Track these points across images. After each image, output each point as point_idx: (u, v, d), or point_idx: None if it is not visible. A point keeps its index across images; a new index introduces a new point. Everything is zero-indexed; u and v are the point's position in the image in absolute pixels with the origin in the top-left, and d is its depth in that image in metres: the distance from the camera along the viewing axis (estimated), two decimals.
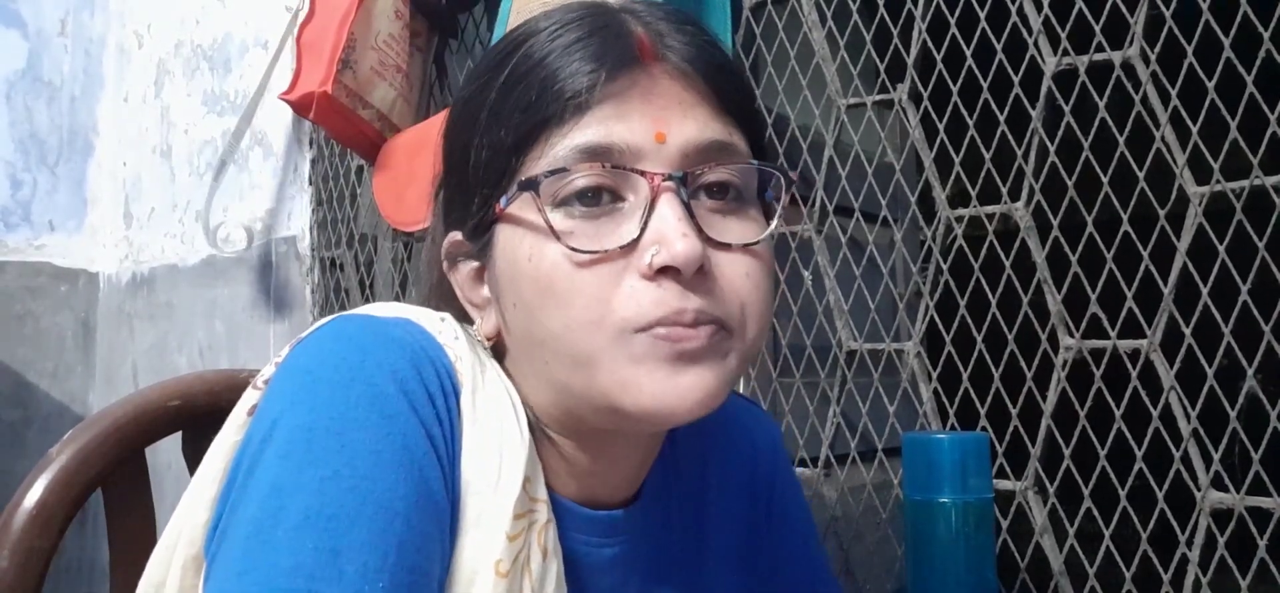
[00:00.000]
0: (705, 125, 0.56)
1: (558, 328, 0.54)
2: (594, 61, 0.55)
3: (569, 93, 0.54)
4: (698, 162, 0.55)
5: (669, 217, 0.53)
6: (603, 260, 0.53)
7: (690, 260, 0.52)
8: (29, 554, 0.66)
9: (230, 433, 0.57)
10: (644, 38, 0.56)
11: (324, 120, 1.54)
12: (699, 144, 0.55)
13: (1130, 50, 1.00)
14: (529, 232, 0.55)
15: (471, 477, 0.55)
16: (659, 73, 0.56)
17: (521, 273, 0.56)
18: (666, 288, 0.53)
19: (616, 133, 0.54)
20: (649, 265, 0.53)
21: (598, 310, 0.53)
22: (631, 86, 0.55)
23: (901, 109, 1.20)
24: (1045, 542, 1.06)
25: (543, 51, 0.56)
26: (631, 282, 0.53)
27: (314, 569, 0.47)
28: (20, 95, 2.42)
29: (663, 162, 0.54)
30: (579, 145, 0.54)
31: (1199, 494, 0.94)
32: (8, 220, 2.38)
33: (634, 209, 0.54)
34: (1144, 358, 0.98)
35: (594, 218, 0.54)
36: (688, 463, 0.70)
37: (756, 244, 0.57)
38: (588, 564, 0.62)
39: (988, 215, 1.11)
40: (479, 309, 0.61)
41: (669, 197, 0.54)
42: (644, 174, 0.54)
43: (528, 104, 0.55)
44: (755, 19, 1.33)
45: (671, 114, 0.55)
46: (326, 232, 1.92)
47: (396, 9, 1.57)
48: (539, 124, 0.55)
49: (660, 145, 0.54)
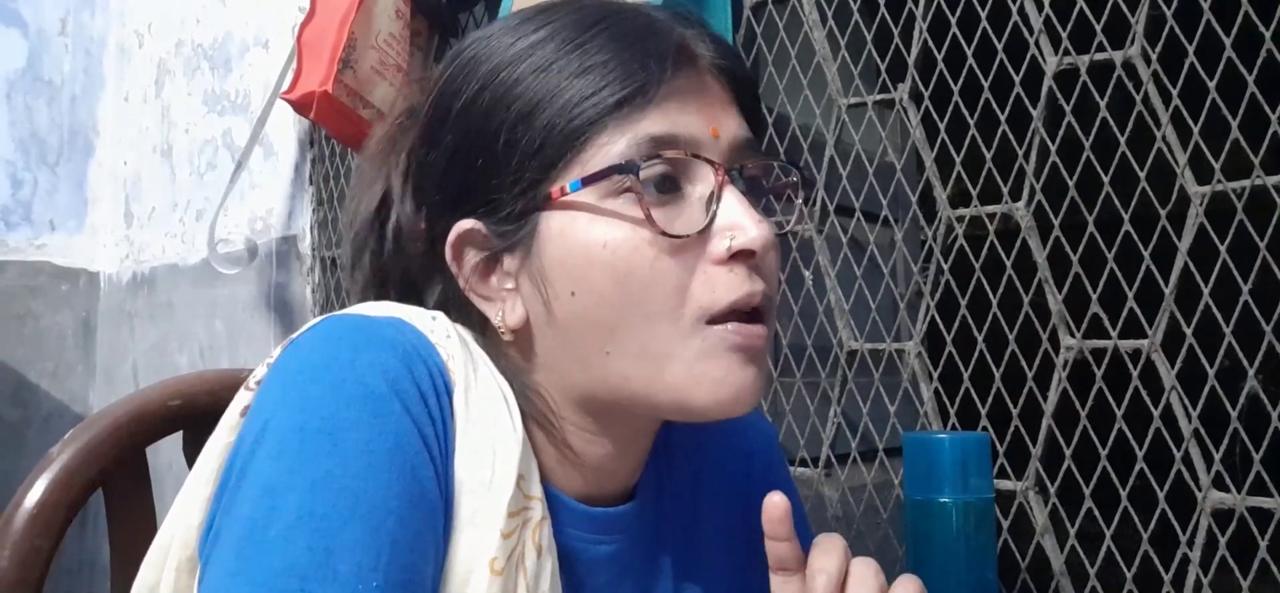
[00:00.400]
0: (741, 123, 0.60)
1: (635, 318, 0.56)
2: (655, 55, 0.57)
3: (638, 83, 0.56)
4: (741, 157, 0.59)
5: (737, 204, 0.56)
6: (682, 249, 0.56)
7: (767, 243, 0.56)
8: (29, 554, 0.66)
9: (223, 434, 0.57)
10: (683, 36, 0.59)
11: (325, 119, 1.54)
12: (742, 141, 0.59)
13: (1131, 50, 1.00)
14: (601, 217, 0.56)
15: (465, 475, 0.55)
16: (701, 72, 0.59)
17: (594, 260, 0.56)
18: (737, 272, 0.56)
19: (681, 125, 0.56)
20: (726, 251, 0.56)
21: (676, 299, 0.55)
22: (686, 84, 0.57)
23: (902, 109, 1.20)
24: (1046, 542, 1.05)
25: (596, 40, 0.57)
26: (706, 268, 0.56)
27: (307, 569, 0.47)
28: (20, 95, 2.42)
29: (718, 154, 0.57)
30: (651, 134, 0.56)
31: (1200, 494, 0.94)
32: (8, 220, 2.38)
33: (694, 198, 0.57)
34: (1145, 358, 0.98)
35: (664, 206, 0.56)
36: (683, 462, 0.71)
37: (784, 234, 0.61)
38: (583, 561, 0.62)
39: (989, 215, 1.11)
40: (491, 301, 0.60)
41: (731, 186, 0.57)
42: (712, 163, 0.56)
43: (592, 90, 0.56)
44: (755, 19, 1.33)
45: (718, 110, 0.58)
46: (327, 231, 1.92)
47: (397, 8, 1.57)
48: (608, 110, 0.56)
49: (715, 140, 0.57)
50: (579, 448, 0.61)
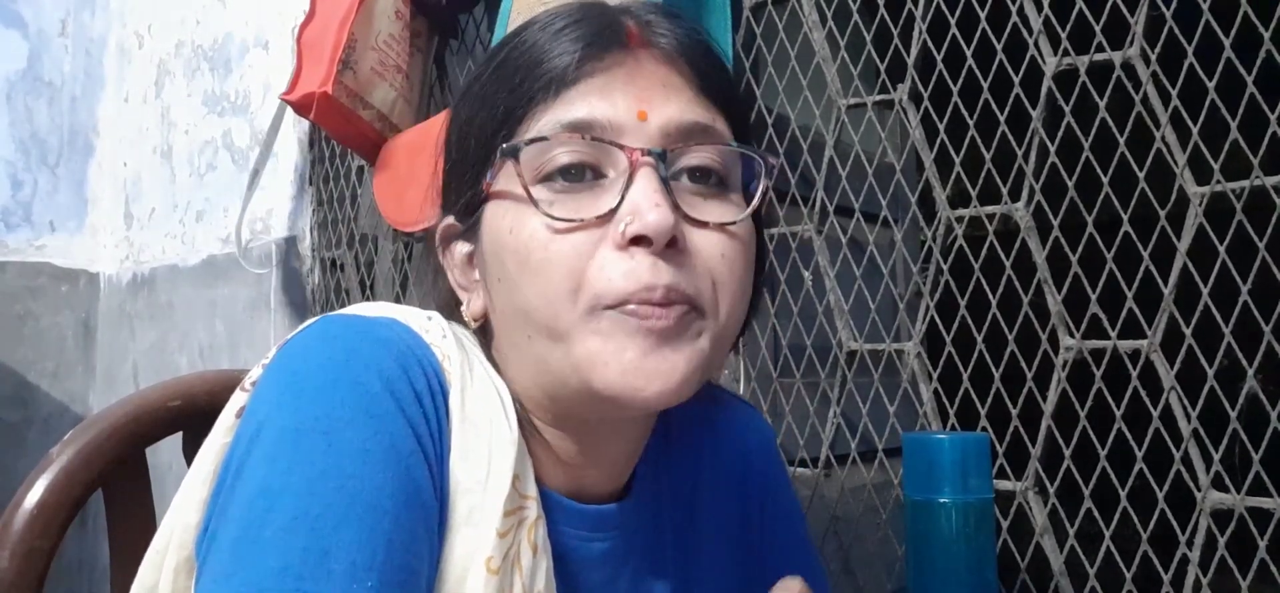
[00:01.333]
0: (686, 107, 0.57)
1: (536, 300, 0.55)
2: (580, 42, 0.57)
3: (554, 71, 0.56)
4: (678, 141, 0.56)
5: (645, 188, 0.54)
6: (578, 229, 0.54)
7: (661, 230, 0.53)
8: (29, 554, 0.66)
9: (219, 435, 0.57)
10: (632, 26, 0.58)
11: (324, 120, 1.54)
12: (681, 124, 0.56)
13: (1131, 50, 1.00)
14: (512, 204, 0.57)
15: (461, 475, 0.55)
16: (644, 56, 0.58)
17: (504, 245, 0.57)
18: (638, 259, 0.54)
19: (599, 109, 0.55)
20: (622, 234, 0.54)
21: (572, 282, 0.54)
22: (616, 67, 0.57)
23: (902, 109, 1.20)
24: (1045, 542, 1.06)
25: (533, 39, 0.58)
26: (605, 253, 0.54)
27: (303, 570, 0.47)
28: (21, 95, 2.42)
29: (643, 139, 0.56)
30: (562, 120, 0.55)
31: (1199, 495, 0.94)
32: (8, 221, 2.38)
33: (613, 183, 0.56)
34: (1144, 358, 0.98)
35: (575, 193, 0.55)
36: (680, 459, 0.71)
37: (733, 223, 0.57)
38: (578, 559, 0.62)
39: (988, 215, 1.11)
40: (468, 292, 0.62)
41: (647, 171, 0.55)
42: (623, 148, 0.55)
43: (514, 85, 0.57)
44: (755, 19, 1.33)
45: (654, 94, 0.57)
46: (327, 232, 1.92)
47: (397, 9, 1.57)
48: (524, 100, 0.57)
49: (642, 123, 0.56)
50: (555, 445, 0.61)
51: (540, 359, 0.57)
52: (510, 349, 0.60)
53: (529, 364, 0.59)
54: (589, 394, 0.55)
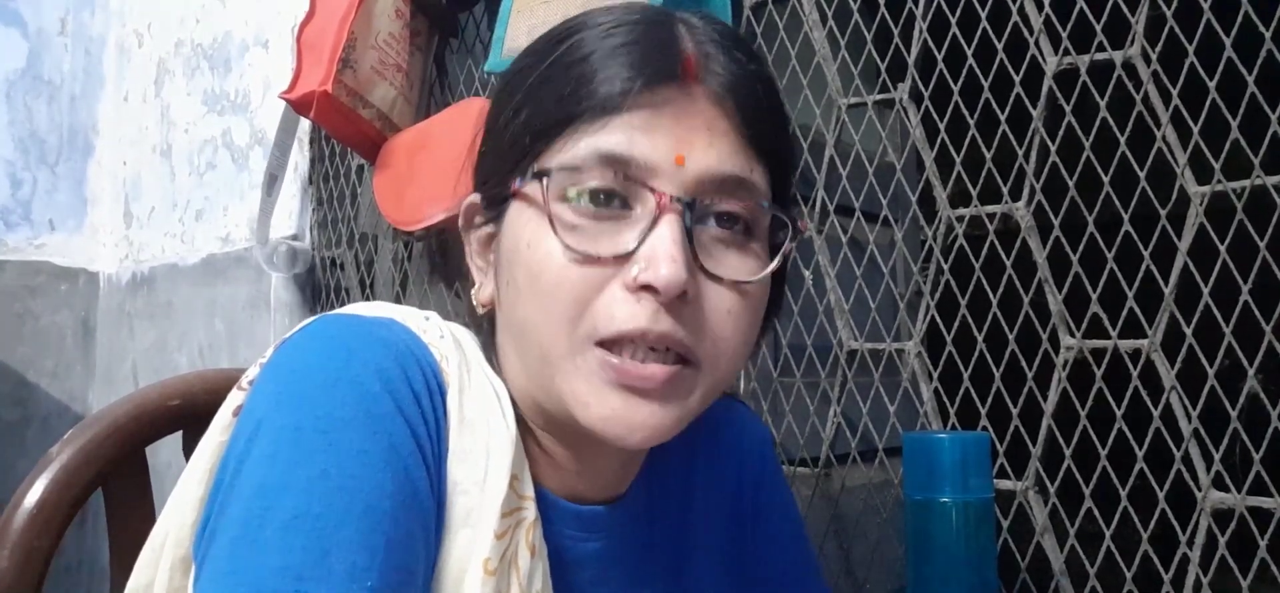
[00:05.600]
0: (726, 157, 0.56)
1: (537, 319, 0.55)
2: (634, 69, 0.55)
3: (602, 94, 0.55)
4: (711, 192, 0.55)
5: (665, 238, 0.53)
6: (594, 263, 0.54)
7: (670, 285, 0.53)
8: (29, 554, 0.66)
9: (216, 434, 0.57)
10: (691, 56, 0.56)
11: (324, 119, 1.54)
12: (716, 175, 0.55)
13: (1131, 50, 1.00)
14: (534, 218, 0.56)
15: (459, 476, 0.55)
16: (697, 92, 0.56)
17: (519, 256, 0.56)
18: (644, 304, 0.53)
19: (638, 146, 0.54)
20: (634, 279, 0.53)
21: (574, 311, 0.54)
22: (665, 104, 0.55)
23: (902, 108, 1.20)
24: (1046, 542, 1.05)
25: (590, 47, 0.56)
26: (614, 290, 0.54)
27: (301, 569, 0.47)
28: (20, 94, 2.41)
29: (676, 185, 0.54)
30: (600, 149, 0.54)
31: (1200, 494, 0.94)
32: (8, 219, 2.38)
33: (637, 221, 0.55)
34: (1145, 358, 0.98)
35: (598, 220, 0.55)
36: (675, 462, 0.71)
37: (748, 283, 0.57)
38: (571, 558, 0.62)
39: (988, 215, 1.11)
40: (482, 274, 0.63)
41: (672, 218, 0.54)
42: (654, 191, 0.54)
43: (562, 96, 0.56)
44: (755, 19, 1.33)
45: (697, 138, 0.55)
46: (326, 231, 1.92)
47: (397, 8, 1.57)
48: (567, 118, 0.55)
49: (678, 168, 0.54)
50: (550, 449, 0.61)
51: (533, 369, 0.58)
52: (509, 348, 0.60)
53: (525, 368, 0.59)
54: (571, 422, 0.56)
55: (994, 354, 1.09)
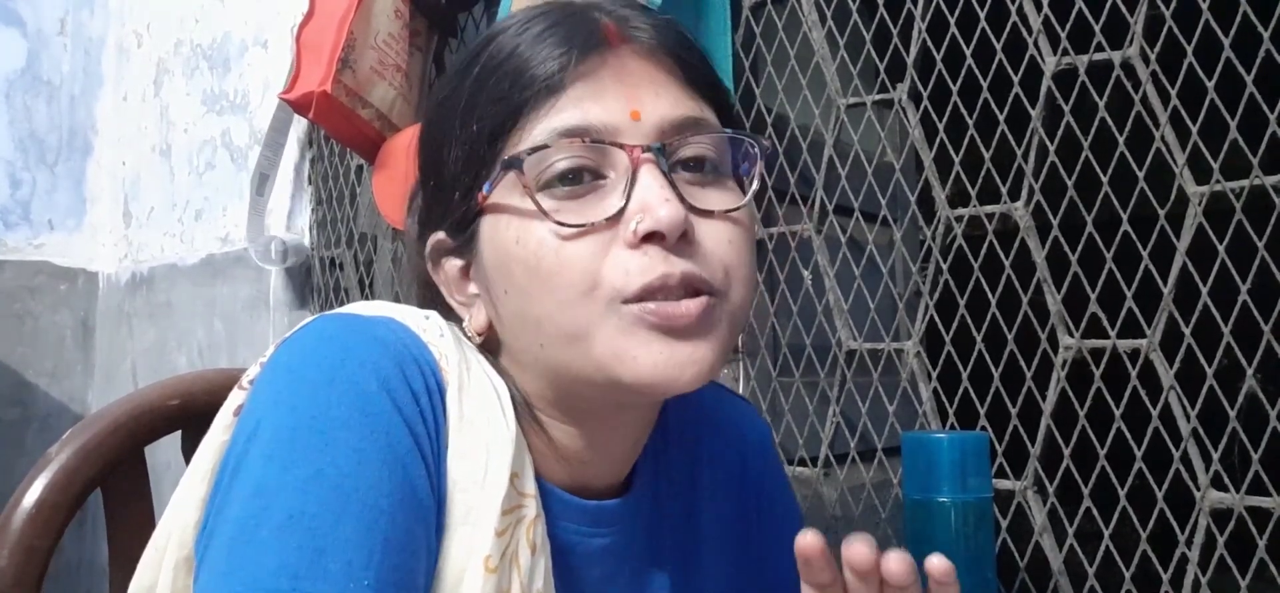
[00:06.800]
0: (677, 102, 0.57)
1: (551, 306, 0.55)
2: (563, 45, 0.56)
3: (542, 77, 0.56)
4: (673, 136, 0.57)
5: (651, 185, 0.54)
6: (588, 233, 0.55)
7: (674, 224, 0.54)
8: (28, 553, 0.66)
9: (217, 433, 0.57)
10: (609, 24, 0.58)
11: (323, 120, 1.54)
12: (674, 120, 0.57)
13: (1130, 50, 1.00)
14: (514, 216, 0.56)
15: (459, 474, 0.55)
16: (627, 54, 0.57)
17: (511, 256, 0.56)
18: (651, 255, 0.54)
19: (592, 113, 0.55)
20: (634, 233, 0.54)
21: (587, 283, 0.54)
22: (602, 67, 0.56)
23: (901, 109, 1.20)
24: (1045, 542, 1.06)
25: (511, 44, 0.58)
26: (617, 252, 0.54)
27: (299, 569, 0.47)
28: (20, 94, 2.41)
29: (640, 136, 0.56)
30: (557, 127, 0.55)
31: (1198, 494, 0.94)
32: (7, 219, 2.38)
33: (616, 184, 0.56)
34: (1143, 358, 0.98)
35: (578, 197, 0.55)
36: (679, 455, 0.71)
37: (737, 210, 0.58)
38: (578, 554, 0.62)
39: (987, 215, 1.11)
40: (466, 306, 0.62)
41: (649, 167, 0.55)
42: (624, 147, 0.55)
43: (501, 95, 0.57)
44: (755, 19, 1.33)
45: (644, 92, 0.57)
46: (326, 231, 1.92)
47: (396, 8, 1.57)
48: (514, 111, 0.56)
49: (636, 122, 0.56)
50: (560, 442, 0.61)
51: (555, 364, 0.57)
52: (520, 356, 0.60)
53: (541, 368, 0.59)
54: (614, 387, 0.56)
55: (993, 354, 1.10)
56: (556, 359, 0.57)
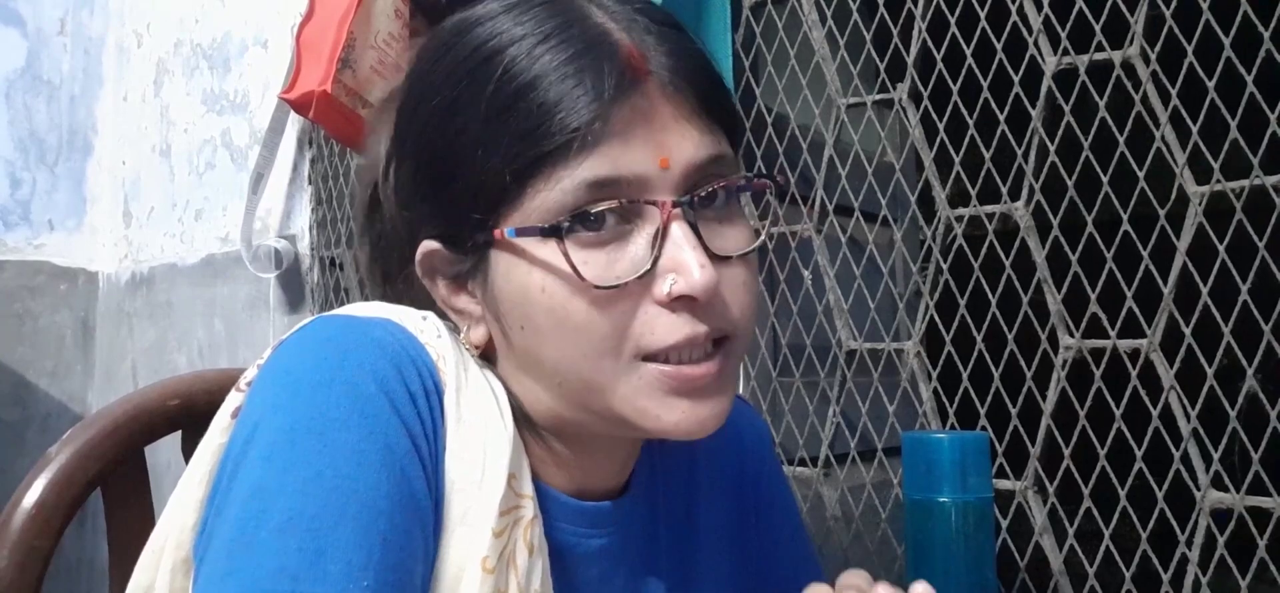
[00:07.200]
0: (700, 143, 0.56)
1: (574, 356, 0.55)
2: (591, 89, 0.53)
3: (572, 126, 0.53)
4: (698, 181, 0.56)
5: (683, 245, 0.54)
6: (620, 291, 0.54)
7: (708, 289, 0.54)
8: (28, 553, 0.66)
9: (215, 435, 0.57)
10: (631, 50, 0.55)
11: (323, 119, 1.54)
12: (697, 164, 0.56)
13: (1130, 50, 1.00)
14: (538, 265, 0.55)
15: (456, 476, 0.55)
16: (651, 88, 0.55)
17: (533, 302, 0.56)
18: (681, 314, 0.54)
19: (623, 164, 0.54)
20: (667, 294, 0.54)
21: (615, 339, 0.55)
22: (632, 112, 0.54)
23: (901, 108, 1.20)
24: (1045, 542, 1.06)
25: (529, 70, 0.55)
26: (647, 308, 0.55)
27: (298, 570, 0.47)
28: (19, 94, 2.41)
29: (669, 188, 0.55)
30: (587, 180, 0.53)
31: (1199, 494, 0.94)
32: (7, 220, 2.37)
33: (641, 232, 0.55)
34: (1144, 358, 0.98)
35: (603, 244, 0.54)
36: (676, 456, 0.71)
37: (750, 252, 0.59)
38: (576, 555, 0.62)
39: (988, 215, 1.11)
40: (462, 317, 0.61)
41: (680, 223, 0.55)
42: (655, 204, 0.54)
43: (525, 132, 0.54)
44: (755, 19, 1.33)
45: (671, 137, 0.55)
46: (326, 231, 1.92)
47: (396, 8, 1.57)
48: (542, 157, 0.54)
49: (664, 171, 0.55)
50: (559, 450, 0.61)
51: (566, 400, 0.58)
52: (525, 378, 0.60)
53: (547, 394, 0.59)
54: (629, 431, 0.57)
55: (993, 354, 1.10)
56: (569, 397, 0.58)
